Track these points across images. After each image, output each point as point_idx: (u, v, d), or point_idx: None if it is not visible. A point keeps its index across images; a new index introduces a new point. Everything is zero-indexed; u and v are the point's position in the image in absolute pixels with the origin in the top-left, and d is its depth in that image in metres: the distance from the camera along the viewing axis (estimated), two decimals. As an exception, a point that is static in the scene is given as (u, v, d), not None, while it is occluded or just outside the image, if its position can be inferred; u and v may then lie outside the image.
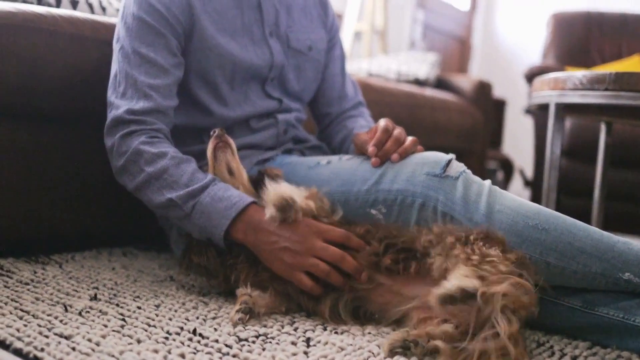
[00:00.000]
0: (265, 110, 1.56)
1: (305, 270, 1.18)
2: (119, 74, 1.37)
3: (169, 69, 1.38)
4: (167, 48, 1.38)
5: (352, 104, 1.79)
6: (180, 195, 1.26)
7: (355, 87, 1.85)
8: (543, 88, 1.86)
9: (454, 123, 2.86)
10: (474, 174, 1.29)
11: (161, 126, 1.36)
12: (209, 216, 1.23)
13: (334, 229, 1.21)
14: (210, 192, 1.25)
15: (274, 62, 1.54)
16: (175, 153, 1.31)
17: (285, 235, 1.19)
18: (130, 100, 1.34)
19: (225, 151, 1.32)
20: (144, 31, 1.37)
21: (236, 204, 1.23)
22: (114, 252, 1.63)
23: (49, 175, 1.54)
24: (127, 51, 1.36)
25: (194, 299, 1.25)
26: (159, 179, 1.29)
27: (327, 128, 1.77)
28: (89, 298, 1.20)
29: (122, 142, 1.33)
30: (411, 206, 1.24)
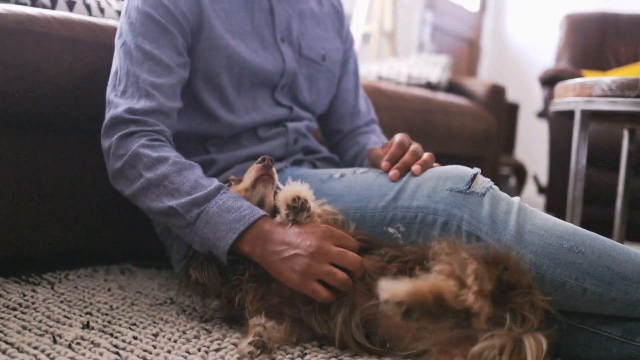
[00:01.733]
0: (275, 118, 1.46)
1: (318, 279, 1.07)
2: (120, 71, 1.27)
3: (173, 67, 1.28)
4: (172, 46, 1.29)
5: (364, 121, 1.70)
6: (181, 204, 1.16)
7: (368, 103, 1.76)
8: (567, 94, 1.75)
9: (468, 128, 2.75)
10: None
11: (163, 128, 1.26)
12: (215, 227, 1.13)
13: (349, 237, 1.12)
14: (219, 201, 1.15)
15: (285, 68, 1.45)
16: (177, 158, 1.21)
17: (296, 241, 1.08)
18: (131, 98, 1.24)
19: (267, 186, 1.21)
20: (149, 26, 1.27)
21: (246, 217, 1.12)
22: (111, 269, 1.52)
23: (41, 187, 1.44)
24: (130, 47, 1.27)
25: (195, 327, 1.15)
26: (159, 186, 1.19)
27: (338, 145, 1.69)
28: (80, 326, 1.10)
29: (120, 143, 1.22)
30: (432, 225, 1.14)
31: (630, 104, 1.51)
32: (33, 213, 1.43)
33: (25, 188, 1.41)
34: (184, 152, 1.40)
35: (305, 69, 1.52)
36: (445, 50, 4.77)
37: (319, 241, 1.07)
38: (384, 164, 1.24)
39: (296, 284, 1.08)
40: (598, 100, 1.60)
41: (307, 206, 1.11)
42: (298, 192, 1.11)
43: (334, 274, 1.06)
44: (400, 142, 1.27)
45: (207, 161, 1.39)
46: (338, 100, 1.67)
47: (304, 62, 1.51)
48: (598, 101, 1.60)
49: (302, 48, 1.50)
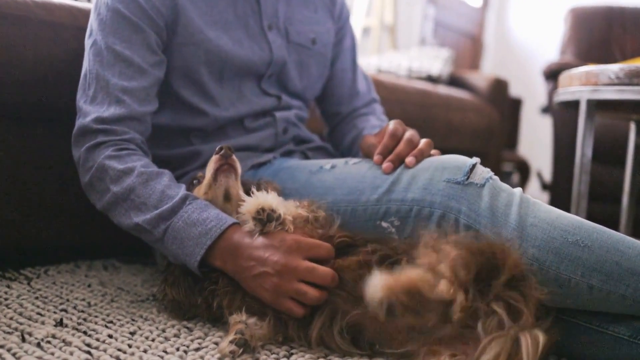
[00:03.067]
0: (262, 108, 1.39)
1: (291, 297, 1.00)
2: (89, 75, 1.20)
3: (146, 69, 1.21)
4: (145, 45, 1.22)
5: (364, 102, 1.62)
6: (148, 220, 1.10)
7: (368, 82, 1.67)
8: (572, 83, 1.68)
9: (469, 123, 2.68)
10: None
11: (133, 135, 1.20)
12: (182, 242, 1.07)
13: (321, 245, 1.02)
14: (184, 214, 1.08)
15: (273, 58, 1.37)
16: (143, 167, 1.14)
17: (264, 257, 1.00)
18: (100, 105, 1.18)
19: (229, 176, 1.14)
20: (120, 24, 1.20)
21: (212, 230, 1.05)
22: (94, 265, 1.46)
23: (20, 180, 1.38)
24: (100, 47, 1.20)
25: (176, 325, 1.08)
26: (126, 200, 1.13)
27: (336, 128, 1.61)
28: (53, 323, 1.03)
29: (88, 155, 1.17)
30: (429, 218, 1.07)
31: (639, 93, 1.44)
32: (13, 206, 1.37)
33: (5, 180, 1.35)
34: (168, 146, 1.34)
35: (294, 55, 1.44)
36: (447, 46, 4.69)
37: (286, 258, 1.00)
38: (376, 158, 1.16)
39: (269, 302, 1.02)
40: (605, 89, 1.53)
41: (273, 216, 1.03)
42: (262, 204, 1.03)
43: (305, 293, 0.99)
44: (393, 131, 1.19)
45: (192, 153, 1.33)
46: (334, 81, 1.59)
47: (293, 48, 1.43)
48: (605, 90, 1.53)
49: (289, 34, 1.42)
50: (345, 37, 1.60)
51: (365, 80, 1.66)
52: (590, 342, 1.02)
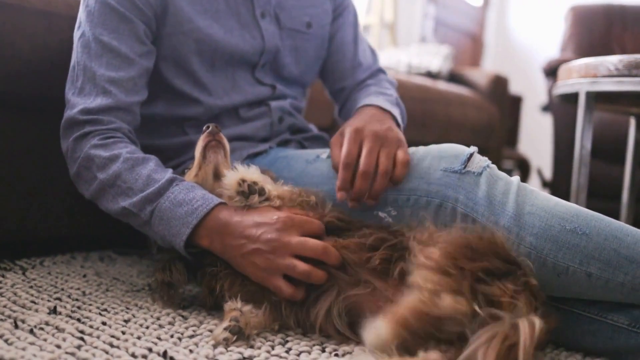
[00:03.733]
0: (256, 97, 1.38)
1: (283, 274, 0.99)
2: (77, 66, 1.20)
3: (134, 59, 1.21)
4: (134, 35, 1.21)
5: (369, 73, 1.55)
6: (134, 202, 1.09)
7: (373, 53, 1.60)
8: (571, 76, 1.67)
9: (469, 119, 2.67)
10: None
11: (120, 125, 1.19)
12: (168, 223, 1.06)
13: (312, 220, 1.02)
14: (170, 195, 1.07)
15: (265, 46, 1.35)
16: (129, 154, 1.13)
17: (256, 234, 0.99)
18: (87, 97, 1.18)
19: (218, 152, 1.14)
20: (107, 15, 1.19)
21: (198, 209, 1.04)
22: (90, 256, 1.45)
23: (15, 170, 1.37)
24: (88, 39, 1.19)
25: (170, 313, 1.07)
26: (113, 186, 1.12)
27: (344, 105, 1.53)
28: (47, 311, 1.02)
29: (75, 145, 1.17)
30: (426, 208, 1.06)
31: (639, 84, 1.43)
32: (8, 198, 1.36)
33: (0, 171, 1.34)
34: (161, 135, 1.33)
35: (289, 41, 1.41)
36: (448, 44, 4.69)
37: (279, 233, 0.99)
38: (339, 195, 1.09)
39: (259, 279, 1.01)
40: (604, 80, 1.52)
41: (255, 188, 1.03)
42: (241, 176, 1.03)
43: (294, 266, 0.97)
44: (346, 159, 1.09)
45: (187, 143, 1.32)
46: (335, 56, 1.53)
47: (287, 34, 1.40)
48: (604, 82, 1.52)
49: (280, 20, 1.39)
50: (345, 11, 1.54)
51: (370, 52, 1.59)
52: (588, 331, 1.01)
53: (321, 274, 0.98)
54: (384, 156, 1.08)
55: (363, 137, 1.11)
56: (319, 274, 0.98)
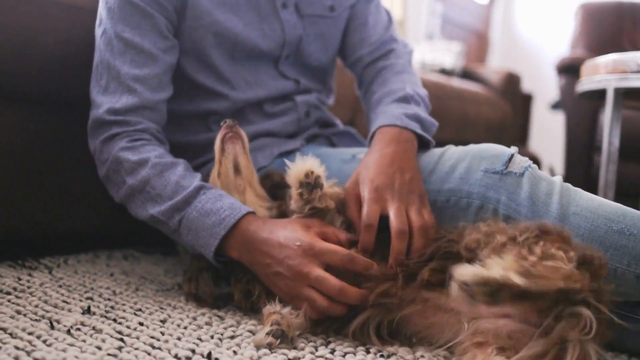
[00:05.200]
0: (280, 92, 1.35)
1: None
2: (100, 65, 1.18)
3: (157, 55, 1.18)
4: (155, 30, 1.18)
5: (383, 51, 1.42)
6: (163, 211, 1.08)
7: (388, 19, 1.49)
8: (598, 72, 1.65)
9: (483, 116, 2.65)
10: None
11: (148, 125, 1.17)
12: (197, 233, 1.04)
13: (336, 250, 0.96)
14: (197, 204, 1.05)
15: (286, 38, 1.32)
16: (158, 158, 1.12)
17: (279, 256, 0.97)
18: (112, 95, 1.16)
19: (235, 143, 1.12)
20: (128, 11, 1.17)
21: (225, 219, 1.03)
22: (114, 255, 1.42)
23: (39, 167, 1.34)
24: (110, 36, 1.17)
25: (206, 313, 1.04)
26: (142, 192, 1.11)
27: (365, 95, 1.41)
28: (80, 311, 1.00)
29: (103, 147, 1.16)
30: (466, 209, 1.04)
31: (671, 80, 1.42)
32: (30, 195, 1.33)
33: (21, 167, 1.31)
34: (186, 132, 1.31)
35: (312, 28, 1.36)
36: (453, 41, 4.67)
37: (299, 261, 0.96)
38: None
39: (284, 299, 0.99)
40: (634, 76, 1.50)
41: (320, 182, 1.00)
42: (310, 167, 1.00)
43: (314, 300, 0.95)
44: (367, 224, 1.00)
45: (211, 140, 1.27)
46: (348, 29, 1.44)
47: (309, 22, 1.35)
48: (633, 77, 1.50)
49: (300, 8, 1.33)
50: None
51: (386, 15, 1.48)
52: (635, 332, 0.99)
53: (342, 310, 0.95)
54: (414, 213, 1.00)
55: (386, 197, 1.02)
56: (340, 309, 0.95)
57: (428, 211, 1.03)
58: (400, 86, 1.28)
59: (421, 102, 1.26)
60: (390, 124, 1.14)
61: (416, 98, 1.25)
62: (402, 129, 1.13)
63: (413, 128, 1.13)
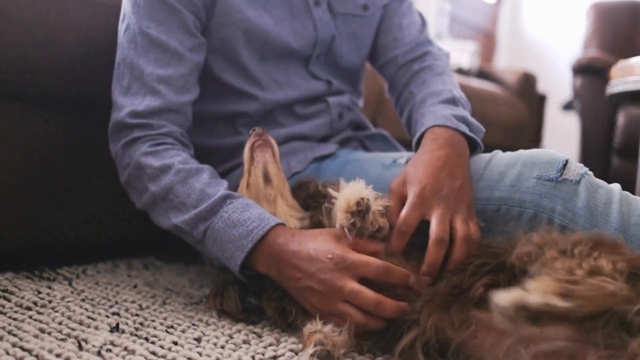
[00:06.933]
0: (311, 93, 1.28)
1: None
2: (123, 64, 1.12)
3: (183, 54, 1.12)
4: (183, 27, 1.12)
5: (418, 53, 1.35)
6: (187, 220, 1.02)
7: (422, 20, 1.42)
8: (633, 72, 1.58)
9: (501, 117, 2.59)
10: None
11: (171, 128, 1.11)
12: (222, 245, 0.98)
13: (370, 262, 0.90)
14: (224, 214, 0.99)
15: (318, 37, 1.25)
16: (182, 164, 1.05)
17: (310, 270, 0.91)
18: (135, 97, 1.10)
19: (265, 151, 1.07)
20: (155, 6, 1.10)
21: (253, 231, 0.96)
22: (133, 264, 1.35)
23: (55, 172, 1.28)
24: (134, 32, 1.11)
25: (242, 330, 0.97)
26: (165, 200, 1.05)
27: (398, 100, 1.34)
28: (108, 329, 0.93)
29: (124, 152, 1.10)
30: (518, 219, 0.97)
31: None
32: (45, 200, 1.27)
33: (38, 172, 1.25)
34: (213, 135, 1.25)
35: (344, 28, 1.29)
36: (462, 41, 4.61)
37: (332, 275, 0.89)
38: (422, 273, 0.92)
39: (316, 315, 0.92)
40: (674, 77, 1.44)
41: (370, 205, 0.92)
42: (361, 194, 0.92)
43: (349, 315, 0.89)
44: (400, 230, 0.94)
45: (240, 144, 1.20)
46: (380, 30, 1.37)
47: (342, 21, 1.29)
48: (674, 78, 1.44)
49: (332, 6, 1.27)
50: None
51: (419, 18, 1.42)
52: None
53: (379, 324, 0.89)
54: (459, 222, 0.93)
55: (431, 202, 0.94)
56: (377, 324, 0.89)
57: (474, 223, 0.96)
58: (444, 87, 1.21)
59: (466, 106, 1.20)
60: (441, 124, 1.07)
61: (462, 101, 1.19)
62: (454, 132, 1.06)
63: (464, 130, 1.07)
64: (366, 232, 0.94)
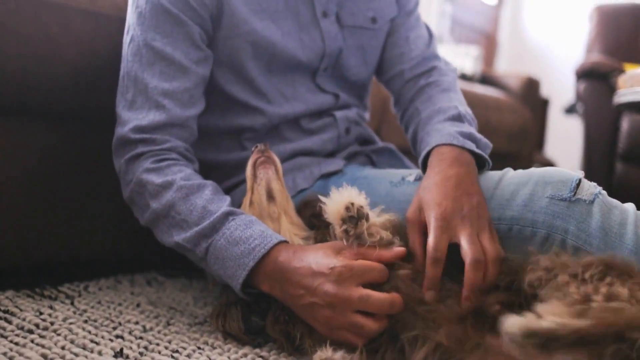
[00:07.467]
0: (318, 107, 1.26)
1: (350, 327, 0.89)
2: (127, 77, 1.10)
3: (189, 67, 1.09)
4: (188, 40, 1.09)
5: (424, 68, 1.32)
6: (188, 238, 1.00)
7: (429, 34, 1.39)
8: (644, 83, 1.56)
9: (505, 123, 2.57)
10: None
11: (175, 143, 1.09)
12: (224, 263, 0.96)
13: (373, 267, 0.89)
14: (226, 231, 0.97)
15: (326, 49, 1.23)
16: (183, 181, 1.03)
17: (313, 285, 0.89)
18: (139, 111, 1.08)
19: (267, 168, 1.05)
20: (160, 18, 1.08)
21: (255, 249, 0.94)
22: (136, 280, 1.33)
23: (57, 187, 1.25)
24: (138, 44, 1.08)
25: (248, 353, 0.95)
26: (167, 217, 1.03)
27: (404, 115, 1.32)
28: (112, 354, 0.91)
29: (128, 167, 1.08)
30: (531, 239, 0.95)
31: None
32: (46, 216, 1.24)
33: (39, 188, 1.22)
34: (217, 149, 1.23)
35: (352, 40, 1.27)
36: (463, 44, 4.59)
37: (337, 287, 0.87)
38: (428, 295, 0.88)
39: (323, 333, 0.91)
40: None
41: (364, 213, 0.90)
42: (349, 198, 0.91)
43: (361, 326, 0.87)
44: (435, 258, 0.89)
45: (245, 160, 1.16)
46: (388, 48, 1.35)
47: (349, 33, 1.26)
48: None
49: (341, 18, 1.24)
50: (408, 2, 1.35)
51: (426, 32, 1.39)
52: None
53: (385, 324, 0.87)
54: (487, 241, 0.90)
55: (454, 223, 0.92)
56: (384, 324, 0.88)
57: (497, 239, 0.94)
58: (450, 104, 1.19)
59: (472, 122, 1.18)
60: (447, 143, 1.05)
61: (468, 117, 1.17)
62: (462, 150, 1.03)
63: (470, 147, 1.04)
64: (366, 243, 0.91)
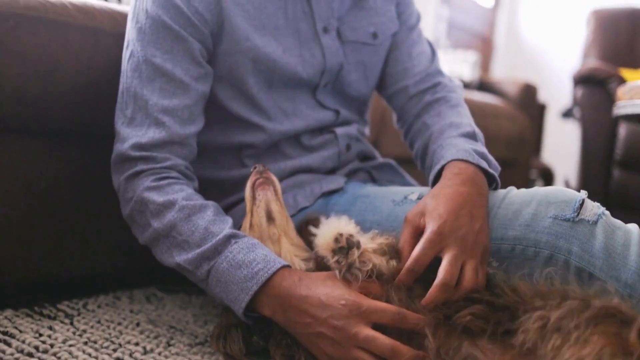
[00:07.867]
0: (319, 123, 1.25)
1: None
2: (126, 93, 1.09)
3: (189, 84, 1.09)
4: (188, 56, 1.08)
5: (429, 84, 1.32)
6: (190, 259, 0.99)
7: (432, 50, 1.39)
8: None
9: (503, 131, 2.57)
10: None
11: (175, 162, 1.08)
12: (226, 287, 0.96)
13: (384, 309, 0.88)
14: (229, 254, 0.97)
15: (326, 65, 1.22)
16: (185, 200, 1.02)
17: (321, 316, 0.89)
18: (139, 128, 1.07)
19: (266, 189, 1.05)
20: (161, 34, 1.07)
21: (259, 273, 0.94)
22: (135, 296, 1.32)
23: (55, 203, 1.24)
24: (138, 60, 1.07)
25: (250, 377, 0.95)
26: (168, 237, 1.02)
27: (409, 131, 1.31)
28: (113, 379, 0.90)
29: (127, 185, 1.07)
30: (534, 259, 0.95)
31: None
32: (45, 233, 1.24)
33: (38, 204, 1.22)
34: (217, 166, 1.22)
35: (353, 56, 1.26)
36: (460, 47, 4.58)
37: (346, 322, 0.87)
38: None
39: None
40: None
41: (354, 241, 0.90)
42: (337, 229, 0.91)
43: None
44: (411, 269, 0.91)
45: (246, 177, 1.13)
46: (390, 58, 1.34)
47: (350, 48, 1.25)
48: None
49: (342, 34, 1.24)
50: (411, 17, 1.36)
51: (429, 47, 1.39)
52: None
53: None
54: (470, 270, 0.91)
55: (446, 242, 0.92)
56: None
57: (484, 271, 0.94)
58: (462, 120, 1.19)
59: (482, 141, 1.18)
60: (464, 159, 1.04)
61: (479, 136, 1.17)
62: (476, 169, 1.03)
63: (485, 167, 1.05)
64: (360, 273, 0.90)
